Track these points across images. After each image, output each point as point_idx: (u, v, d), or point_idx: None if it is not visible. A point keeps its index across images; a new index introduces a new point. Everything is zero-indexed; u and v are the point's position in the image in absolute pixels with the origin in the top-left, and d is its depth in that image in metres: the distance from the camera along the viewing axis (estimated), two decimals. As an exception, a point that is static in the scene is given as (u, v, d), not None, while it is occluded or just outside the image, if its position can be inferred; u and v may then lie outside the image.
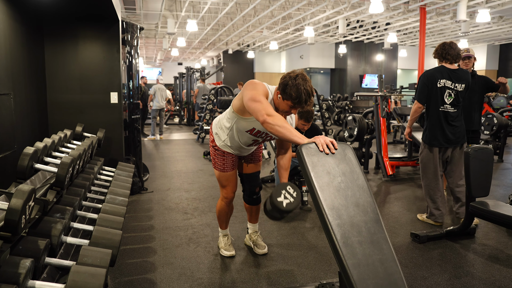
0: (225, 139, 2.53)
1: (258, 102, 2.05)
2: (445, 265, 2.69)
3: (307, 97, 2.07)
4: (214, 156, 2.65)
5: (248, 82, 2.23)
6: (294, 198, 2.00)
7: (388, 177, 5.30)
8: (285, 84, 2.09)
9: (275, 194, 1.99)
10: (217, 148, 2.61)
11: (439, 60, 3.48)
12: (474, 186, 2.89)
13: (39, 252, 1.63)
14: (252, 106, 2.06)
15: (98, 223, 2.14)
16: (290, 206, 1.99)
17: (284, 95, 2.11)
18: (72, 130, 3.55)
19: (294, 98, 2.07)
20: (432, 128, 3.43)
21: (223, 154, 2.61)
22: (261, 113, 1.99)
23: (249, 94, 2.11)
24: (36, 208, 1.87)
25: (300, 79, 2.07)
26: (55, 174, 2.22)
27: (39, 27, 3.77)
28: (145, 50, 19.97)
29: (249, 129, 2.39)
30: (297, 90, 2.05)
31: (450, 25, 13.17)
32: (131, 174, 3.40)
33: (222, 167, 2.63)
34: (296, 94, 2.05)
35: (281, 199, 1.98)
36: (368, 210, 1.72)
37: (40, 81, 3.79)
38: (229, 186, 2.69)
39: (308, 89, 2.06)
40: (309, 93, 2.07)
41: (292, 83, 2.06)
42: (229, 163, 2.63)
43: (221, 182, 2.69)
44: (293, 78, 2.08)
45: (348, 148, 1.88)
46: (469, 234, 3.19)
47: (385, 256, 1.61)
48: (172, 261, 2.72)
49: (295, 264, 2.68)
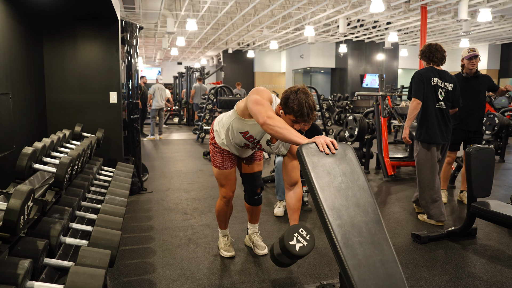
0: (223, 137, 2.56)
1: (260, 105, 2.07)
2: (446, 266, 2.69)
3: (309, 110, 2.07)
4: (213, 153, 2.67)
5: (255, 89, 2.27)
6: (307, 241, 1.88)
7: (389, 177, 5.30)
8: (287, 98, 2.11)
9: (287, 238, 1.87)
10: (217, 145, 2.63)
11: (426, 62, 3.49)
12: (475, 186, 2.89)
13: (37, 253, 1.63)
14: (254, 108, 2.08)
15: (97, 223, 2.14)
16: (304, 250, 1.87)
17: (286, 109, 2.12)
18: (71, 130, 3.55)
19: (296, 112, 2.07)
20: (430, 125, 3.41)
21: (222, 151, 2.63)
22: (262, 115, 2.01)
23: (253, 98, 2.14)
24: (34, 208, 1.87)
25: (301, 93, 2.09)
26: (54, 174, 2.22)
27: (37, 26, 3.77)
28: (144, 49, 19.97)
29: (243, 131, 2.41)
30: (299, 103, 2.06)
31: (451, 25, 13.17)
32: (130, 174, 3.40)
33: (221, 165, 2.64)
34: (298, 107, 2.06)
35: (293, 243, 1.87)
36: (369, 210, 1.72)
37: (39, 80, 3.79)
38: (228, 185, 2.70)
39: (310, 103, 2.08)
40: (311, 107, 2.08)
41: (294, 97, 2.08)
42: (228, 161, 2.64)
43: (220, 180, 2.70)
44: (294, 92, 2.10)
45: (349, 148, 1.88)
46: (471, 235, 3.19)
47: (386, 257, 1.61)
48: (171, 262, 2.72)
49: (295, 264, 2.68)
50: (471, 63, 3.81)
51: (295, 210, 2.27)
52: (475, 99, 3.90)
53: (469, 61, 3.82)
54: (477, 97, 3.92)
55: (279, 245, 1.93)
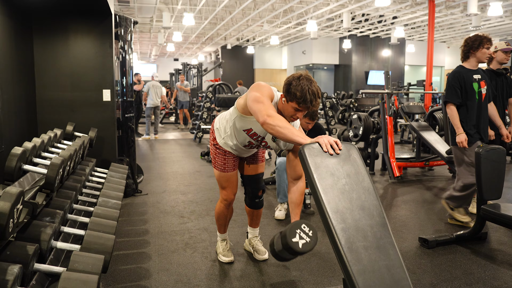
0: (225, 136, 2.54)
1: (260, 103, 2.06)
2: (455, 271, 2.69)
3: (312, 97, 2.06)
4: (214, 154, 2.65)
5: (255, 84, 2.25)
6: (310, 238, 1.89)
7: (395, 179, 5.30)
8: (289, 84, 2.10)
9: (289, 235, 1.88)
10: (218, 146, 2.61)
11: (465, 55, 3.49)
12: (486, 188, 2.89)
13: (27, 258, 1.63)
14: (254, 106, 2.08)
15: (89, 227, 2.14)
16: (307, 247, 1.87)
17: (288, 96, 2.11)
18: (62, 129, 3.55)
19: (299, 98, 2.06)
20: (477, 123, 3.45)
21: (224, 153, 2.61)
22: (262, 114, 2.01)
23: (253, 95, 2.13)
24: (24, 211, 1.87)
25: (304, 79, 2.08)
26: (45, 175, 2.22)
27: (27, 21, 3.77)
28: (139, 45, 19.99)
29: (246, 129, 2.40)
30: (301, 89, 2.05)
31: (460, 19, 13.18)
32: (124, 176, 3.40)
33: (222, 167, 2.63)
34: (300, 94, 2.05)
35: (296, 240, 1.87)
36: (374, 213, 1.72)
37: (29, 77, 3.79)
38: (229, 188, 2.69)
39: (314, 89, 2.07)
40: (315, 93, 2.07)
41: (296, 83, 2.07)
42: (230, 163, 2.63)
43: (221, 183, 2.69)
44: (296, 78, 2.09)
45: (353, 148, 1.88)
46: (480, 239, 3.19)
47: (392, 262, 1.61)
48: (167, 267, 2.72)
49: (297, 270, 2.68)
50: (507, 57, 3.90)
51: (297, 205, 2.27)
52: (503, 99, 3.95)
53: (505, 55, 3.88)
54: (505, 97, 3.96)
55: (280, 241, 1.95)
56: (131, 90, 4.87)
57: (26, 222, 1.88)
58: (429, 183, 5.26)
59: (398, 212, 4.01)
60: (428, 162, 5.66)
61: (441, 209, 4.09)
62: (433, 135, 5.53)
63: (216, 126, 2.62)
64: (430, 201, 4.40)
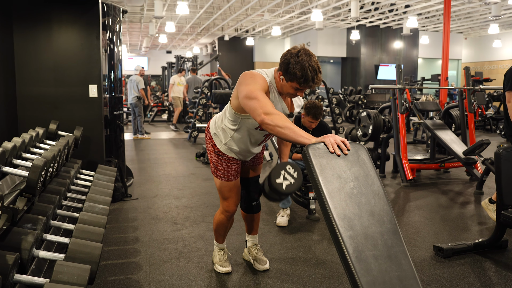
0: (228, 141, 2.48)
1: (254, 99, 2.04)
2: (473, 283, 2.69)
3: (313, 74, 2.06)
4: (216, 163, 2.58)
5: (241, 76, 2.22)
6: (294, 179, 2.04)
7: (408, 182, 5.31)
8: (287, 62, 2.09)
9: (273, 175, 2.03)
10: (221, 153, 2.54)
11: None
12: (506, 192, 2.89)
13: (7, 268, 1.63)
14: (248, 104, 2.06)
15: (75, 234, 2.14)
16: (291, 188, 2.03)
17: (288, 76, 2.11)
18: (45, 128, 3.55)
19: (300, 77, 2.06)
20: None
21: (228, 159, 2.54)
22: (258, 112, 1.99)
23: (244, 91, 2.11)
24: (3, 217, 1.87)
25: (303, 54, 2.07)
26: (26, 178, 2.22)
27: (7, 10, 3.77)
28: (129, 36, 19.98)
29: (258, 126, 2.35)
30: (301, 67, 2.05)
31: (479, 8, 13.18)
32: (112, 179, 3.40)
33: (226, 176, 2.57)
34: (301, 73, 2.05)
35: (280, 181, 2.02)
36: (385, 219, 1.72)
37: (8, 72, 3.79)
38: (232, 198, 2.64)
39: (314, 64, 2.06)
40: (316, 70, 2.07)
41: (295, 61, 2.06)
42: (234, 170, 2.58)
43: (223, 193, 2.64)
44: (295, 55, 2.08)
45: (362, 148, 1.88)
46: (501, 247, 3.19)
47: (404, 273, 1.61)
48: (159, 279, 2.73)
49: (300, 282, 2.68)
50: None
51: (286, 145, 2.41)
52: None
53: None
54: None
55: (267, 182, 2.10)
56: (119, 86, 4.87)
57: (5, 229, 1.88)
58: (444, 187, 5.26)
59: (410, 218, 4.01)
60: (444, 164, 5.67)
61: (458, 215, 4.10)
62: (449, 134, 5.53)
63: (212, 131, 2.56)
64: (445, 206, 4.40)
